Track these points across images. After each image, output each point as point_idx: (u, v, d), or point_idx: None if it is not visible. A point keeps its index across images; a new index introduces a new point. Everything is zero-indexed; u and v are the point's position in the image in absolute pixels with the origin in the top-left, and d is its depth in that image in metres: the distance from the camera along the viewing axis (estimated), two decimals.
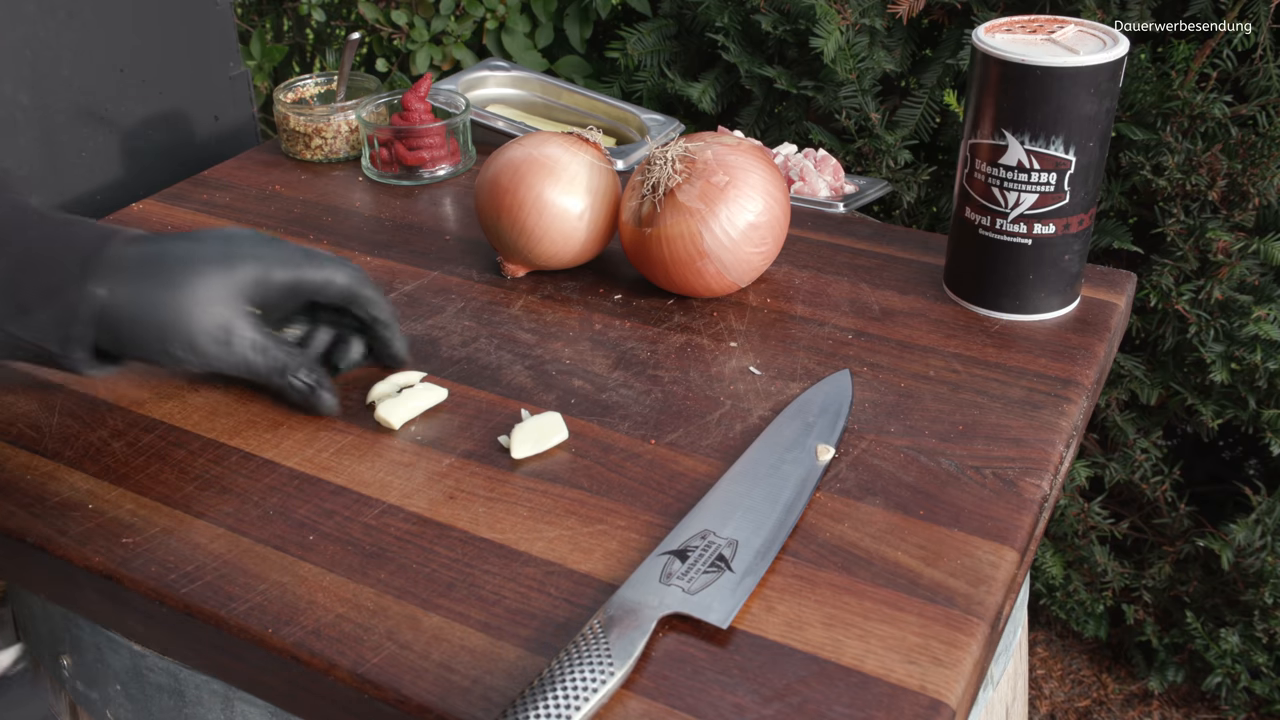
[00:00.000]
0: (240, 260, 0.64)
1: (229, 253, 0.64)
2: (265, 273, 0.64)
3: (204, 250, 0.63)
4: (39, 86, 1.00)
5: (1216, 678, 1.29)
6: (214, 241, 0.64)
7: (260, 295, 0.64)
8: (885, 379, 0.70)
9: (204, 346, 0.62)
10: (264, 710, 0.61)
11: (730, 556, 0.55)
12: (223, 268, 0.63)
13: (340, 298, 0.67)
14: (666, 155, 0.75)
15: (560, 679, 0.48)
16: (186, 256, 0.63)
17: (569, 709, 0.47)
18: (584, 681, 0.47)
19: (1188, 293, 1.12)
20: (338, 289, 0.67)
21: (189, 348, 0.62)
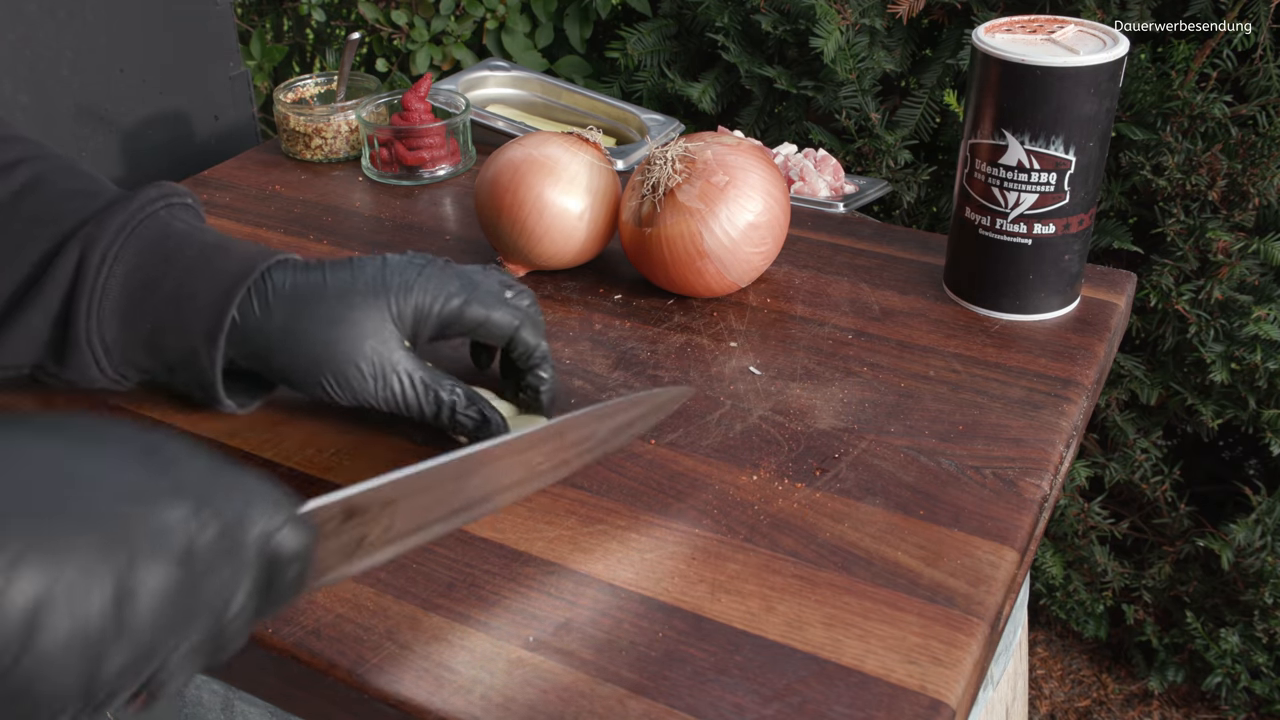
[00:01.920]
0: (396, 293, 0.61)
1: (385, 285, 0.61)
2: (422, 307, 0.62)
3: (359, 282, 0.61)
4: (39, 86, 1.00)
5: (1216, 678, 1.29)
6: (371, 271, 0.62)
7: (416, 329, 0.62)
8: (885, 379, 0.70)
9: (356, 382, 0.61)
10: (264, 710, 0.61)
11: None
12: (377, 301, 0.61)
13: (497, 339, 0.64)
14: (666, 155, 0.75)
15: None
16: (342, 289, 0.61)
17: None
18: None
19: (1188, 293, 1.12)
20: (495, 330, 0.63)
21: (340, 383, 0.61)
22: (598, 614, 0.53)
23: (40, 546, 0.36)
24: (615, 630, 0.53)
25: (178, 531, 0.39)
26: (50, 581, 0.36)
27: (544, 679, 0.50)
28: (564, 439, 0.58)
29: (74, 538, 0.37)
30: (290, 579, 0.44)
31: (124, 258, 0.61)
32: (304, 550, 0.44)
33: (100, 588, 0.37)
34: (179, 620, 0.39)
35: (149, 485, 0.40)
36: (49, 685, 0.36)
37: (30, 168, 0.64)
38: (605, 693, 0.49)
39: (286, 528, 0.43)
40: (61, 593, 0.36)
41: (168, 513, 0.39)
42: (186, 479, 0.41)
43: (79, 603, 0.36)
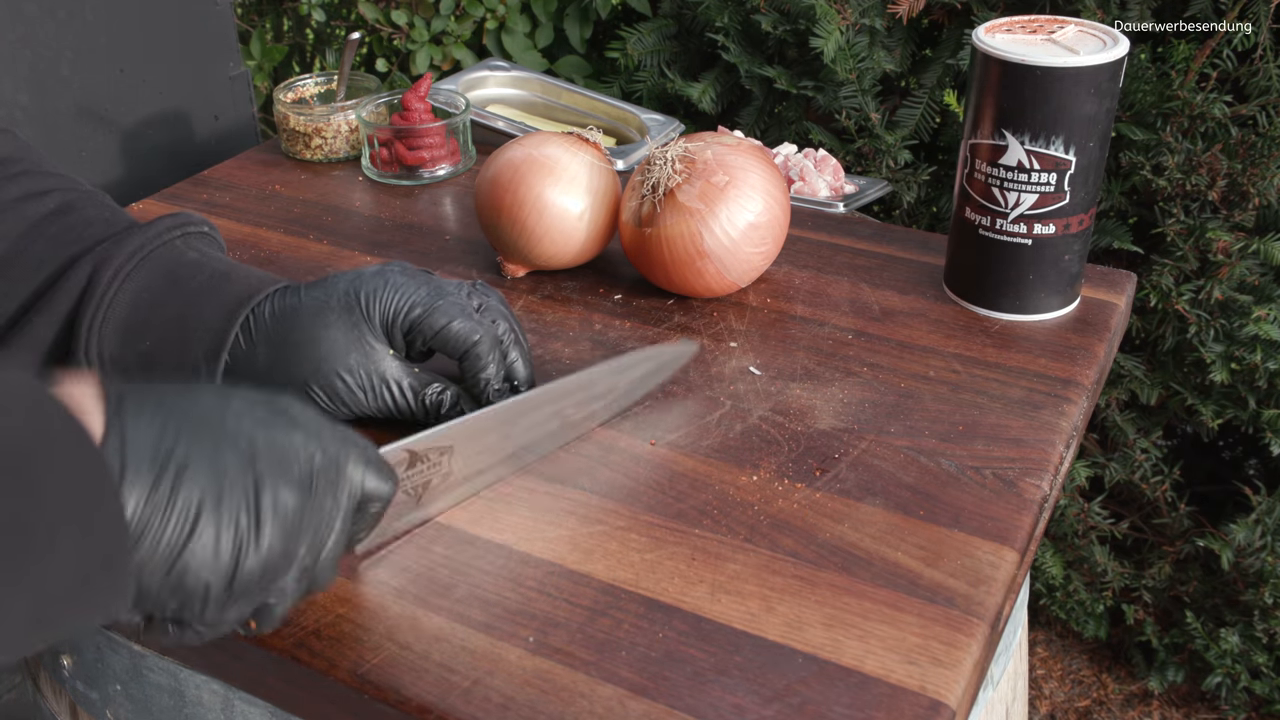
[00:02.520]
0: (366, 303, 0.62)
1: (356, 298, 0.62)
2: (387, 314, 0.63)
3: (333, 298, 0.62)
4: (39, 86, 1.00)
5: (1216, 678, 1.29)
6: (344, 286, 0.63)
7: (391, 336, 0.63)
8: (885, 379, 0.70)
9: (345, 395, 0.62)
10: (264, 710, 0.61)
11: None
12: (351, 315, 0.62)
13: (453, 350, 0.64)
14: (666, 155, 0.75)
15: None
16: (317, 307, 0.62)
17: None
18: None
19: (1188, 293, 1.12)
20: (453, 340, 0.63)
21: (331, 397, 0.62)
22: (597, 614, 0.53)
23: (201, 459, 0.43)
24: (615, 630, 0.53)
25: (299, 459, 0.46)
26: (208, 490, 0.43)
27: (544, 679, 0.50)
28: (591, 390, 0.65)
29: (225, 454, 0.44)
30: (372, 516, 0.51)
31: (135, 278, 0.63)
32: (387, 490, 0.51)
33: (243, 500, 0.44)
34: (294, 539, 0.45)
35: (275, 420, 0.47)
36: (198, 580, 0.43)
37: (61, 196, 0.66)
38: (605, 693, 0.49)
39: (373, 469, 0.50)
40: (214, 500, 0.43)
41: (291, 441, 0.46)
42: (300, 419, 0.48)
43: (226, 511, 0.43)
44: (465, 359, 0.64)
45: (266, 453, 0.45)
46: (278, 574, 0.46)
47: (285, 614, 0.48)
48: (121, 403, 0.42)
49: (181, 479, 0.42)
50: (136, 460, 0.41)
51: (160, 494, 0.42)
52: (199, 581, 0.43)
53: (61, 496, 0.37)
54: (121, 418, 0.42)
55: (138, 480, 0.41)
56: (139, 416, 0.42)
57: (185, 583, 0.43)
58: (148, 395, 0.44)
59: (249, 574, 0.44)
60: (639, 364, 0.67)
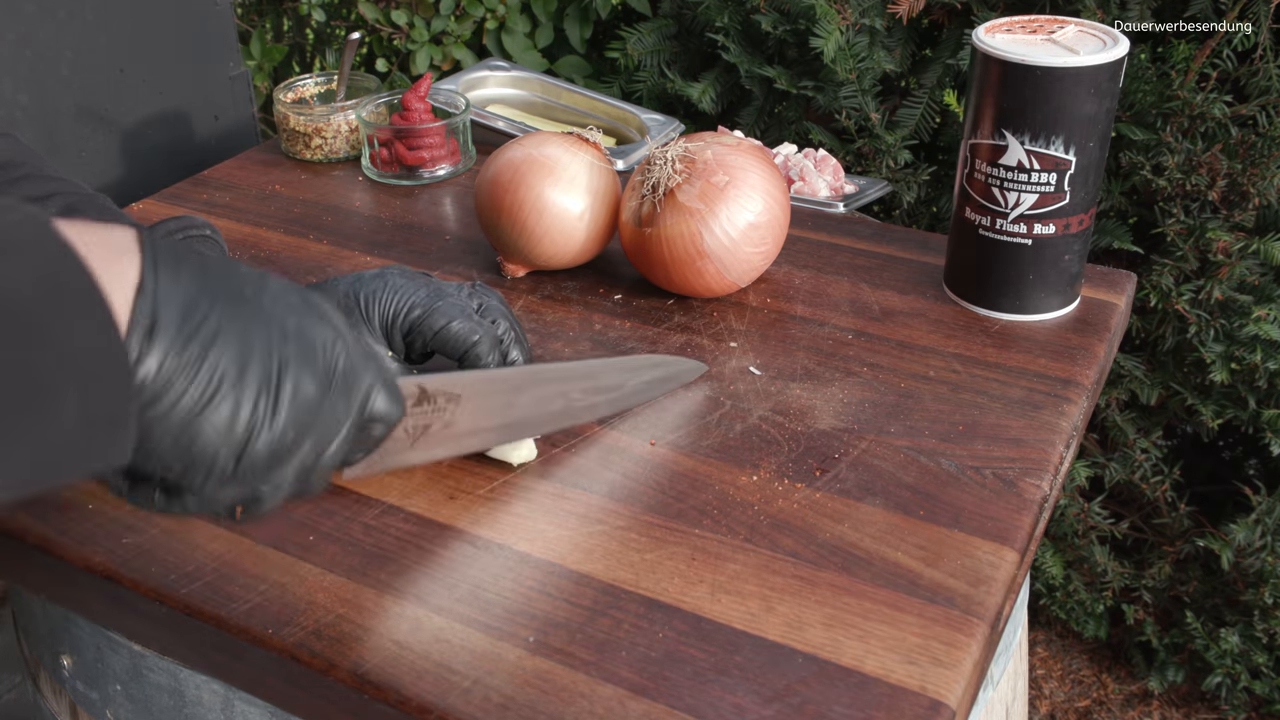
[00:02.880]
0: (365, 306, 0.63)
1: (356, 301, 0.63)
2: (386, 316, 0.63)
3: (332, 301, 0.63)
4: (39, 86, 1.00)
5: (1216, 678, 1.29)
6: (343, 289, 0.63)
7: (391, 339, 0.64)
8: (885, 379, 0.70)
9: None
10: (264, 710, 0.61)
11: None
12: (351, 318, 0.62)
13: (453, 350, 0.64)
14: (666, 155, 0.75)
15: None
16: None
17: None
18: None
19: (1188, 293, 1.12)
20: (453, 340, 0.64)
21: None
22: (597, 614, 0.53)
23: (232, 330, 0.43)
24: (615, 630, 0.53)
25: (324, 354, 0.47)
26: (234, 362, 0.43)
27: (544, 679, 0.50)
28: (599, 380, 0.65)
29: (255, 331, 0.44)
30: (374, 436, 0.51)
31: None
32: (395, 414, 0.51)
33: (266, 379, 0.44)
34: (304, 430, 0.46)
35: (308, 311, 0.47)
36: (208, 448, 0.43)
37: (64, 200, 0.66)
38: (605, 693, 0.49)
39: (388, 390, 0.50)
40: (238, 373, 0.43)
41: (320, 334, 0.47)
42: (331, 319, 0.48)
43: (248, 386, 0.44)
44: (465, 359, 0.64)
45: (296, 340, 0.46)
46: (280, 463, 0.46)
47: (273, 508, 0.48)
48: (159, 257, 0.42)
49: (211, 345, 0.43)
50: (167, 316, 0.42)
51: (188, 356, 0.42)
52: (208, 449, 0.43)
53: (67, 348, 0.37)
54: (158, 272, 0.42)
55: (166, 336, 0.41)
56: (176, 274, 0.43)
57: (194, 448, 0.43)
58: (187, 256, 0.44)
59: (257, 453, 0.45)
60: (649, 369, 0.68)
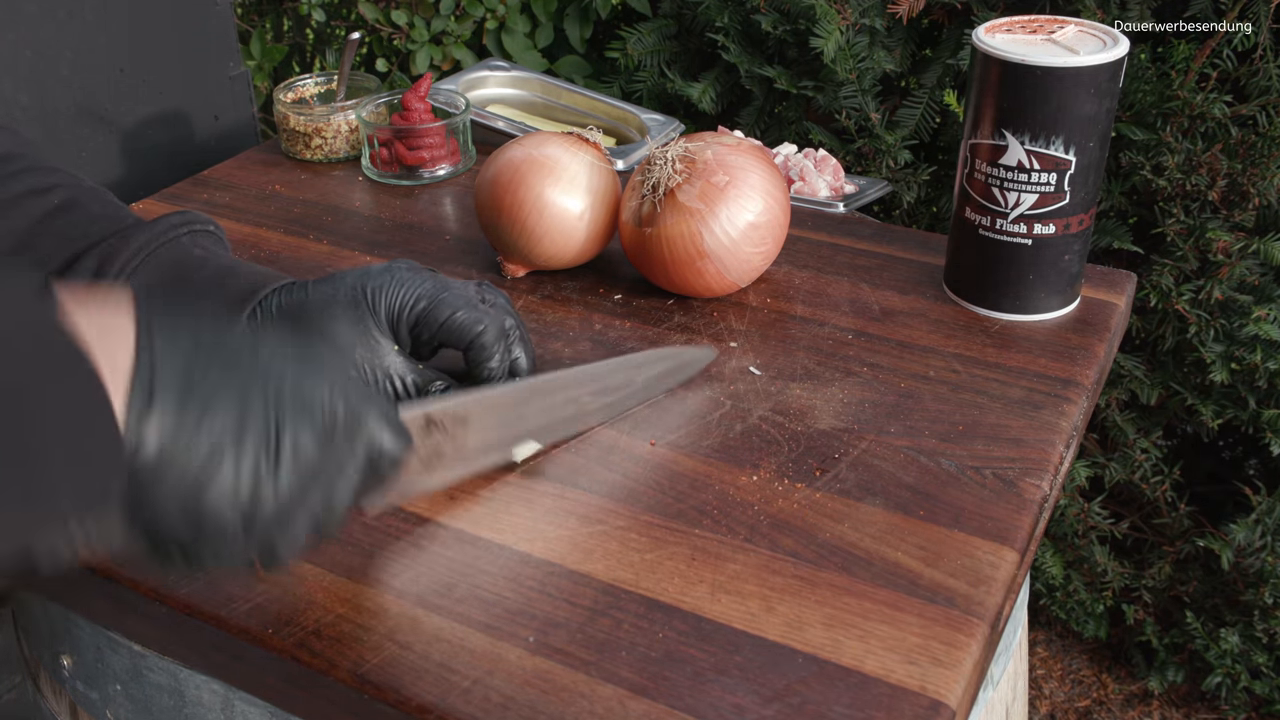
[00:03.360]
0: (372, 298, 0.63)
1: (363, 292, 0.63)
2: (393, 308, 0.63)
3: (340, 293, 0.63)
4: (39, 86, 1.00)
5: (1216, 678, 1.29)
6: (350, 281, 0.63)
7: (397, 331, 0.63)
8: (885, 379, 0.70)
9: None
10: (264, 710, 0.61)
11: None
12: (358, 310, 0.62)
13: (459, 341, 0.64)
14: (666, 155, 0.75)
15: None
16: (324, 302, 0.63)
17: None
18: None
19: (1188, 293, 1.12)
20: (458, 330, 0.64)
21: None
22: (597, 614, 0.53)
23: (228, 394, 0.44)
24: (615, 630, 0.53)
25: (322, 406, 0.47)
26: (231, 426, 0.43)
27: (544, 679, 0.50)
28: (607, 381, 0.66)
29: (251, 392, 0.44)
30: (384, 474, 0.51)
31: (141, 273, 0.63)
32: (401, 451, 0.51)
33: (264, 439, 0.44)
34: (309, 484, 0.46)
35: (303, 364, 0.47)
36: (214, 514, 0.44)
37: (66, 192, 0.66)
38: (605, 693, 0.49)
39: (391, 429, 0.50)
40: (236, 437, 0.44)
41: (317, 387, 0.47)
42: (328, 367, 0.49)
43: (248, 448, 0.44)
44: (470, 349, 0.64)
45: (292, 396, 0.46)
46: (290, 518, 0.47)
47: (291, 558, 0.49)
48: (153, 329, 0.43)
49: (207, 411, 0.43)
50: (164, 389, 0.42)
51: (186, 425, 0.42)
52: (216, 516, 0.44)
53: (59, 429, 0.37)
54: (152, 344, 0.42)
55: (164, 408, 0.42)
56: (171, 345, 0.43)
57: (202, 515, 0.44)
58: (180, 324, 0.44)
59: (264, 513, 0.45)
60: (657, 362, 0.68)
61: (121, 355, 0.41)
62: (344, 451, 0.48)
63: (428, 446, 0.57)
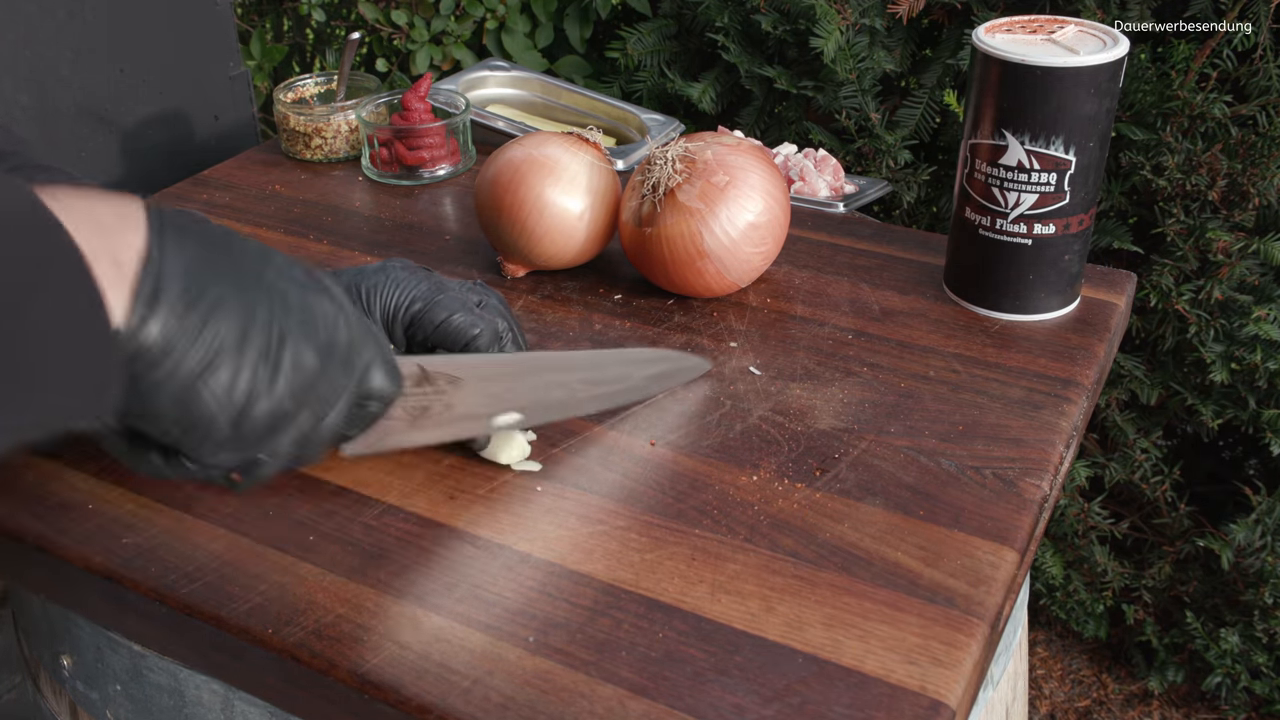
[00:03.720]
0: (367, 298, 0.63)
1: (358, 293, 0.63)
2: (388, 308, 0.63)
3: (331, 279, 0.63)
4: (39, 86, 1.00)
5: (1216, 678, 1.29)
6: (345, 281, 0.63)
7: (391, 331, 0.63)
8: (885, 379, 0.70)
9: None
10: (264, 710, 0.61)
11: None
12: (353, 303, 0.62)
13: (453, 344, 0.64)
14: (666, 155, 0.75)
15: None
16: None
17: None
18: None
19: (1188, 293, 1.12)
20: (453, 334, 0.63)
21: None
22: (598, 614, 0.53)
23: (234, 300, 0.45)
24: (615, 630, 0.53)
25: (325, 326, 0.48)
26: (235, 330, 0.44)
27: (544, 679, 0.50)
28: (601, 372, 0.66)
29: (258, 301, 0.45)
30: (370, 413, 0.52)
31: None
32: (391, 391, 0.52)
33: (266, 348, 0.46)
34: (301, 400, 0.47)
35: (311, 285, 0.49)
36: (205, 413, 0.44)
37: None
38: (605, 693, 0.49)
39: (385, 367, 0.51)
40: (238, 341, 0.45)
41: (322, 307, 0.48)
42: (334, 293, 0.49)
43: (248, 354, 0.45)
44: (466, 352, 0.64)
45: (297, 311, 0.47)
46: (279, 429, 0.47)
47: (270, 476, 0.49)
48: (165, 227, 0.43)
49: (213, 314, 0.44)
50: (171, 285, 0.43)
51: (190, 323, 0.43)
52: (206, 414, 0.45)
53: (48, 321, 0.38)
54: (163, 240, 0.43)
55: (168, 304, 0.43)
56: (181, 244, 0.44)
57: (193, 412, 0.44)
58: (193, 228, 0.45)
59: (254, 420, 0.46)
60: (653, 363, 0.68)
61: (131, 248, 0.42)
62: (339, 377, 0.49)
63: (417, 399, 0.57)
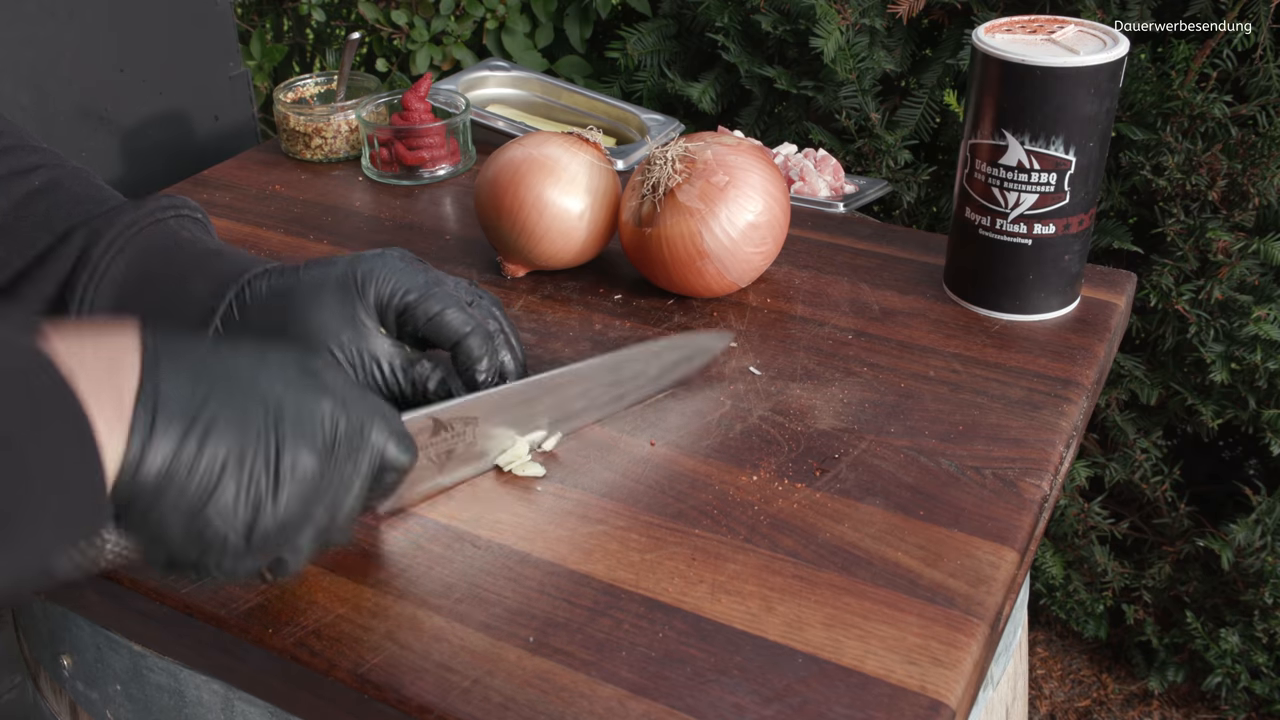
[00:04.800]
0: (362, 284, 0.62)
1: (353, 276, 0.62)
2: (382, 297, 0.62)
3: (331, 277, 0.62)
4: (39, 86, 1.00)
5: (1216, 678, 1.29)
6: (342, 265, 0.63)
7: (383, 318, 0.63)
8: (885, 379, 0.70)
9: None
10: (264, 710, 0.61)
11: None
12: (347, 294, 0.62)
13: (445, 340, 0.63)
14: (666, 155, 0.75)
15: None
16: (315, 284, 0.62)
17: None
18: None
19: (1188, 293, 1.12)
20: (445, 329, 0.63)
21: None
22: (597, 614, 0.53)
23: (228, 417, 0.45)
24: (615, 630, 0.53)
25: (324, 424, 0.48)
26: (232, 448, 0.45)
27: (544, 679, 0.50)
28: (620, 373, 0.66)
29: (252, 414, 0.46)
30: (390, 483, 0.53)
31: (127, 251, 0.63)
32: (406, 461, 0.52)
33: (264, 461, 0.46)
34: (311, 501, 0.48)
35: (305, 383, 0.49)
36: (217, 533, 0.45)
37: (49, 172, 0.66)
38: (605, 693, 0.49)
39: (395, 439, 0.52)
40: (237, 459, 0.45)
41: (318, 405, 0.48)
42: (330, 384, 0.50)
43: (248, 470, 0.46)
44: (458, 350, 0.63)
45: (292, 416, 0.47)
46: (294, 532, 0.48)
47: (300, 567, 0.50)
48: (158, 358, 0.44)
49: (208, 436, 0.45)
50: (167, 416, 0.43)
51: (187, 450, 0.44)
52: (218, 534, 0.45)
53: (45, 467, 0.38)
54: (157, 373, 0.44)
55: (167, 435, 0.43)
56: (175, 373, 0.44)
57: (205, 534, 0.45)
58: (185, 353, 0.46)
59: (265, 530, 0.46)
60: (668, 351, 0.68)
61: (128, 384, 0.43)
62: (347, 466, 0.49)
63: (438, 447, 0.58)
